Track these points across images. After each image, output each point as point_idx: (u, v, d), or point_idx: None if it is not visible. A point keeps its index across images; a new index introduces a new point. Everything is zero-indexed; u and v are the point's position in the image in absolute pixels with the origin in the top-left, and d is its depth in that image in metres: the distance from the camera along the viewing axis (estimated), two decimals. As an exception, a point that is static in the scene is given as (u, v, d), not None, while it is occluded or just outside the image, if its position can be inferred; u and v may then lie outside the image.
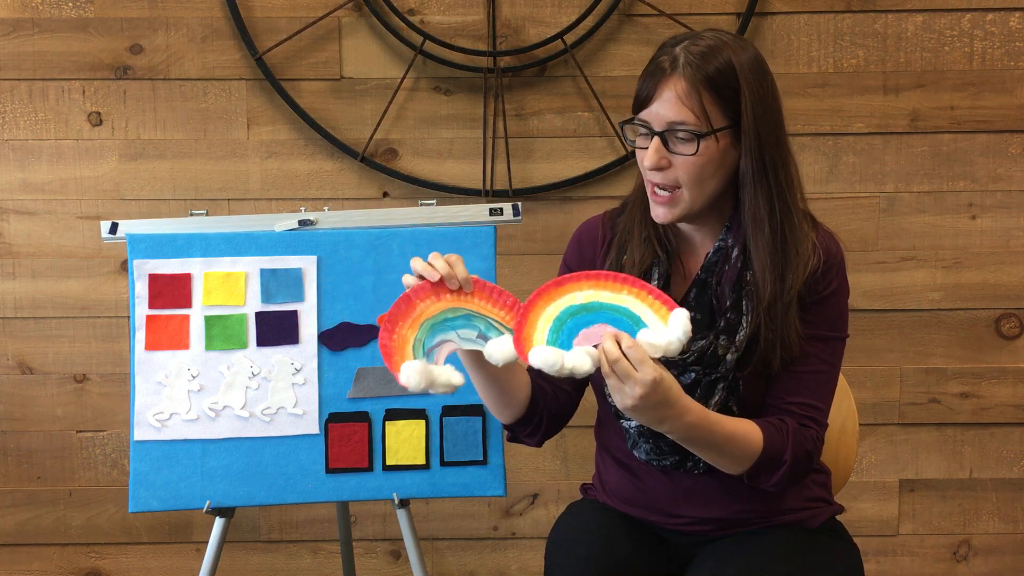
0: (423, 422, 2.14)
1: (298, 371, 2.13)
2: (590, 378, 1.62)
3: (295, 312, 2.14)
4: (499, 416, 1.73)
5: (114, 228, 2.18)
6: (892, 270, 2.70)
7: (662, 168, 1.60)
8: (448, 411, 2.14)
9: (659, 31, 2.60)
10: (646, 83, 1.60)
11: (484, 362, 1.55)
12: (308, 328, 2.13)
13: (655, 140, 1.59)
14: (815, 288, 1.64)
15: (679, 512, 1.72)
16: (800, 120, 2.63)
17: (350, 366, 2.14)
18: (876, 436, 2.74)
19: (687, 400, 1.53)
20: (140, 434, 2.10)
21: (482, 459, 2.14)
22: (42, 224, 2.66)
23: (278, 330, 2.13)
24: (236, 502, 2.11)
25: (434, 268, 1.53)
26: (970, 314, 2.71)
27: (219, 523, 2.12)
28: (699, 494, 1.70)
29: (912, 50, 2.63)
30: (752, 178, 1.60)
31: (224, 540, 2.13)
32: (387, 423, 2.13)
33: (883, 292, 2.70)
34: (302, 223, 2.19)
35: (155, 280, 2.13)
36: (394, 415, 2.14)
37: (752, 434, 1.59)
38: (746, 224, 1.63)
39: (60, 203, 2.65)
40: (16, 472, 2.73)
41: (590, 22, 2.59)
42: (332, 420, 2.13)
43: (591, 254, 1.77)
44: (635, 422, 1.67)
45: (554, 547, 1.70)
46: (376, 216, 2.22)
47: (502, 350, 1.51)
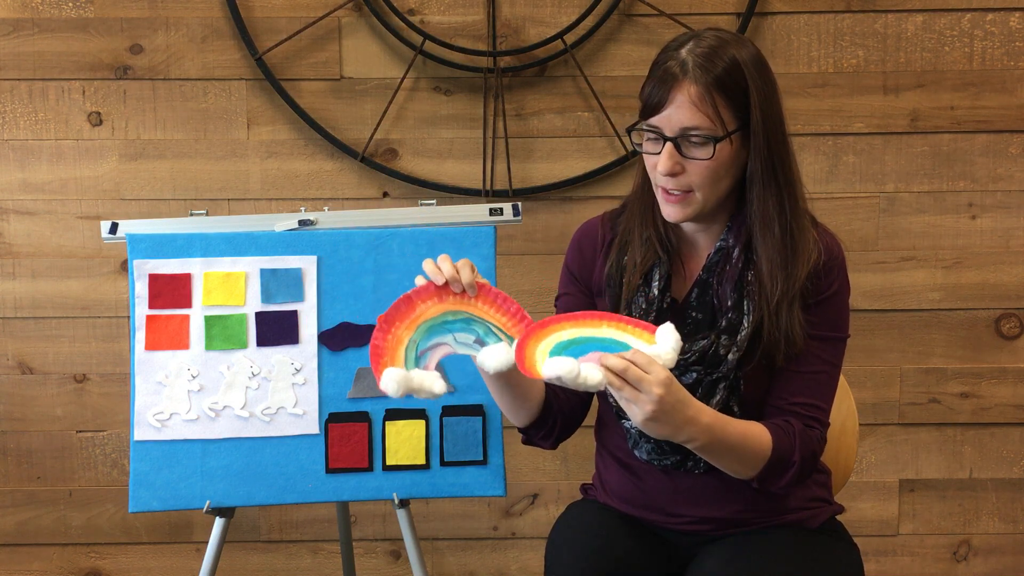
0: (423, 422, 2.13)
1: (298, 371, 2.13)
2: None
3: (295, 312, 2.14)
4: (514, 420, 1.73)
5: (114, 228, 2.18)
6: (892, 270, 2.70)
7: (676, 174, 1.59)
8: (448, 411, 2.13)
9: (659, 31, 2.60)
10: (656, 89, 1.58)
11: None
12: (308, 328, 2.13)
13: (668, 146, 1.58)
14: (817, 288, 1.65)
15: (679, 512, 1.72)
16: (800, 120, 2.63)
17: (350, 366, 2.14)
18: (876, 436, 2.74)
19: (698, 401, 1.53)
20: (140, 434, 2.10)
21: (482, 459, 2.14)
22: (42, 224, 2.66)
23: (278, 330, 2.13)
24: (236, 502, 2.11)
25: (440, 271, 1.53)
26: (970, 314, 2.71)
27: (219, 523, 2.12)
28: (699, 494, 1.70)
29: (912, 50, 2.63)
30: (761, 177, 1.61)
31: (224, 540, 2.13)
32: (387, 423, 2.13)
33: (883, 292, 2.70)
34: (302, 223, 2.19)
35: (155, 280, 2.12)
36: (394, 415, 2.13)
37: (761, 435, 1.60)
38: (753, 223, 1.63)
39: (60, 203, 2.65)
40: (16, 472, 2.73)
41: (590, 22, 2.59)
42: (332, 420, 2.12)
43: (591, 256, 1.77)
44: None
45: (554, 547, 1.70)
46: (376, 216, 2.22)
47: (496, 358, 1.50)
